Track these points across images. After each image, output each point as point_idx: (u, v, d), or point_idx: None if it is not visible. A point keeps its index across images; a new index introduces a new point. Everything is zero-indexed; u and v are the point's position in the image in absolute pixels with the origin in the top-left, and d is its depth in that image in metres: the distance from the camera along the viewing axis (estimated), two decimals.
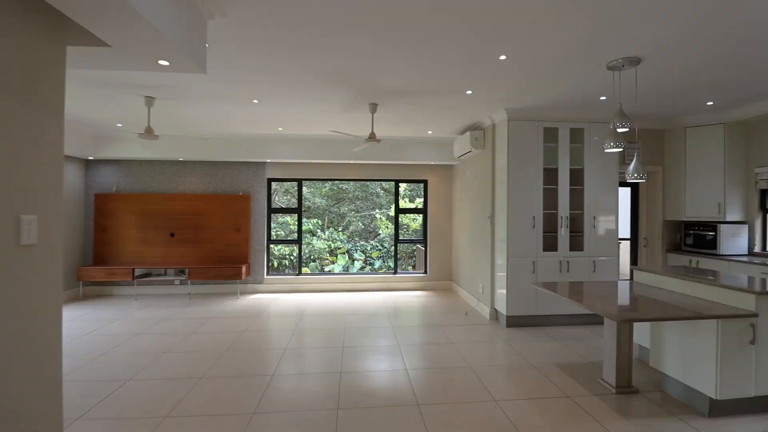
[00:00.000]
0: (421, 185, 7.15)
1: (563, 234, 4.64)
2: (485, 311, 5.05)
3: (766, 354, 2.64)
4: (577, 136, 4.70)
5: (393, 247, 7.11)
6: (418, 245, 7.81)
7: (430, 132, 5.77)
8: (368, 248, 10.07)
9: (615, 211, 4.71)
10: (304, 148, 6.14)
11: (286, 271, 9.13)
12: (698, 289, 2.95)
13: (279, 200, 10.35)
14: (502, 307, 4.67)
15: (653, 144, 5.13)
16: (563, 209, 4.64)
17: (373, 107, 4.39)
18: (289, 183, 9.42)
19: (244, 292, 6.42)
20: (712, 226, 4.58)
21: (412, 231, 9.84)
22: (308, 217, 10.18)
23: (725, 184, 4.56)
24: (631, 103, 4.18)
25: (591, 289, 3.29)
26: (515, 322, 4.62)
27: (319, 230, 10.19)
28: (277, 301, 5.96)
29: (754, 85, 3.66)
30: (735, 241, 4.53)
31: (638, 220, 5.46)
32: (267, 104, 4.41)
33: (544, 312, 4.60)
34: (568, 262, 4.64)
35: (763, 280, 2.80)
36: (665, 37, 2.69)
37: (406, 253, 9.39)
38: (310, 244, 9.77)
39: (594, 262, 4.67)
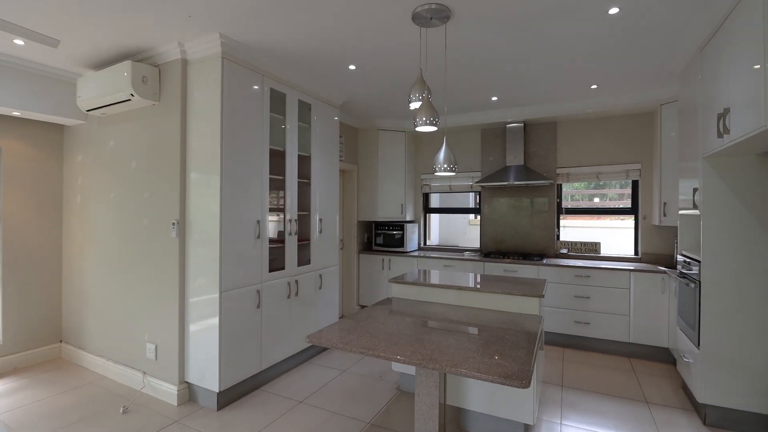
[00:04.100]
0: None
1: (292, 243, 3.34)
2: (167, 392, 2.82)
3: None
4: (304, 112, 3.54)
5: None
6: None
7: (20, 43, 2.63)
8: None
9: (336, 212, 3.97)
10: None
11: None
12: (478, 298, 2.65)
13: None
14: (208, 380, 2.71)
15: (350, 142, 4.85)
16: (292, 210, 3.34)
17: None
18: None
19: None
20: (400, 225, 4.86)
21: None
22: None
23: (405, 187, 4.95)
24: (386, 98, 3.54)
25: (387, 327, 2.25)
26: (232, 395, 2.82)
27: None
28: None
29: (437, 101, 4.00)
30: (413, 239, 5.03)
31: None
32: None
33: (269, 363, 3.12)
34: (296, 281, 3.39)
35: (543, 282, 2.83)
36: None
37: None
38: None
39: (320, 275, 3.70)
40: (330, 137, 3.83)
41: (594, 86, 3.53)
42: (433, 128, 2.20)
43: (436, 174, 2.39)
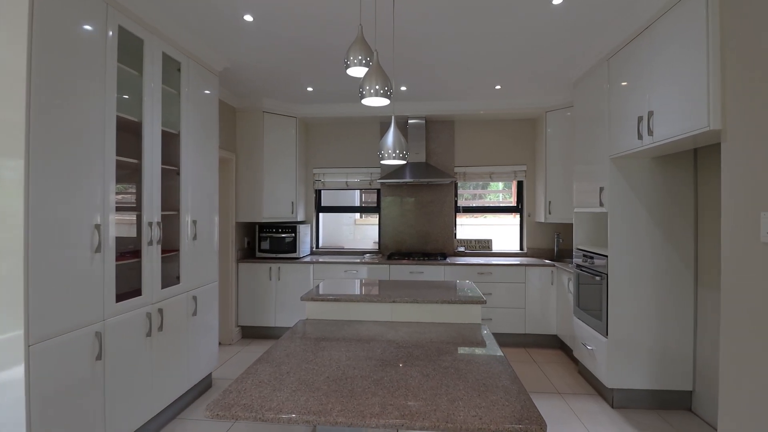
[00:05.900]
0: None
1: (153, 256, 2.35)
2: None
3: None
4: (172, 72, 2.55)
5: None
6: None
7: None
8: None
9: (216, 211, 3.05)
10: None
11: None
12: (414, 311, 2.28)
13: None
14: None
15: (226, 124, 3.88)
16: (152, 208, 2.34)
17: None
18: None
19: None
20: (291, 227, 4.14)
21: None
22: None
23: (296, 182, 4.26)
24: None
25: (324, 368, 1.67)
26: None
27: None
28: None
29: (341, 84, 3.51)
30: (306, 242, 4.37)
31: None
32: None
33: None
34: (160, 311, 2.40)
35: (470, 284, 2.59)
36: None
37: None
38: None
39: (195, 297, 2.76)
40: (207, 112, 2.91)
41: (498, 87, 3.58)
42: (385, 101, 1.70)
43: (382, 162, 1.90)
